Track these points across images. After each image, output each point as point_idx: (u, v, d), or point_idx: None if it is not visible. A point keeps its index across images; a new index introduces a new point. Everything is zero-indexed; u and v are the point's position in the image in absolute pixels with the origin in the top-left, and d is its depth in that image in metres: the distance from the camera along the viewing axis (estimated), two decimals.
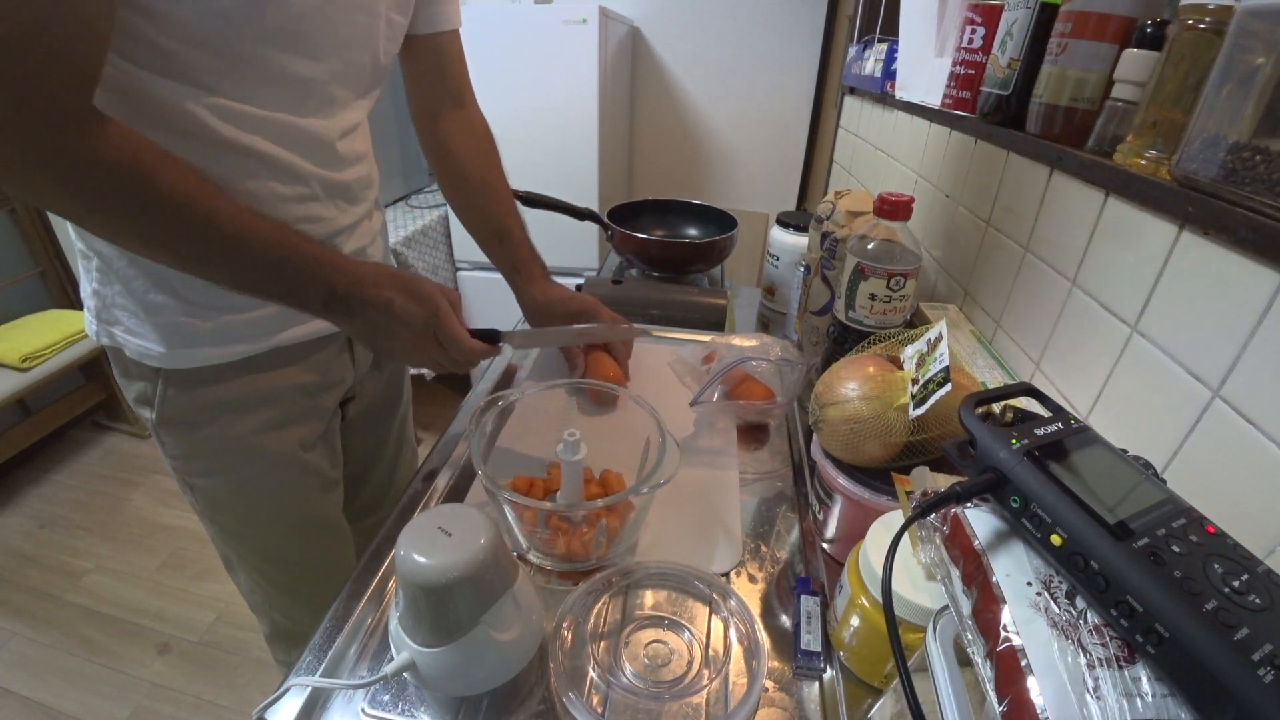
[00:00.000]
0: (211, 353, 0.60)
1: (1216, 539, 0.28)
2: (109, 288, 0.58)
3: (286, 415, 0.67)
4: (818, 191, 2.19)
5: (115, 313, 0.59)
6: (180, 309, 0.57)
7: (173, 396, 0.61)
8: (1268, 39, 0.38)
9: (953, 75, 0.82)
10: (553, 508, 0.54)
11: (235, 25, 0.48)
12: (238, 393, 0.63)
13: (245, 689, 1.39)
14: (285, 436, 0.67)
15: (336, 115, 0.60)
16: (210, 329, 0.59)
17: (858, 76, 1.47)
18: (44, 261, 2.02)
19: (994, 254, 0.75)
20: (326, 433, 0.72)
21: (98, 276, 0.58)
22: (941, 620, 0.34)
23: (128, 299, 0.57)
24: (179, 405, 0.62)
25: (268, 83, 0.52)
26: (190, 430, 0.64)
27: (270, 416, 0.65)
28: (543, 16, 1.74)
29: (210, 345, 0.59)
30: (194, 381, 0.61)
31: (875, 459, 0.53)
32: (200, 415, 0.63)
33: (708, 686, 0.47)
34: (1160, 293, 0.48)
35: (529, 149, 1.90)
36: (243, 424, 0.64)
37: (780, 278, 1.07)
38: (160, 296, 0.57)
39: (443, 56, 0.75)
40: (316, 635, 0.50)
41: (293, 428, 0.68)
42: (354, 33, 0.57)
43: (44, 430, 1.98)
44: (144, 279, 0.56)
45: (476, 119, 0.81)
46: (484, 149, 0.81)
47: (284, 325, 0.63)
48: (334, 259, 0.55)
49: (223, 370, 0.61)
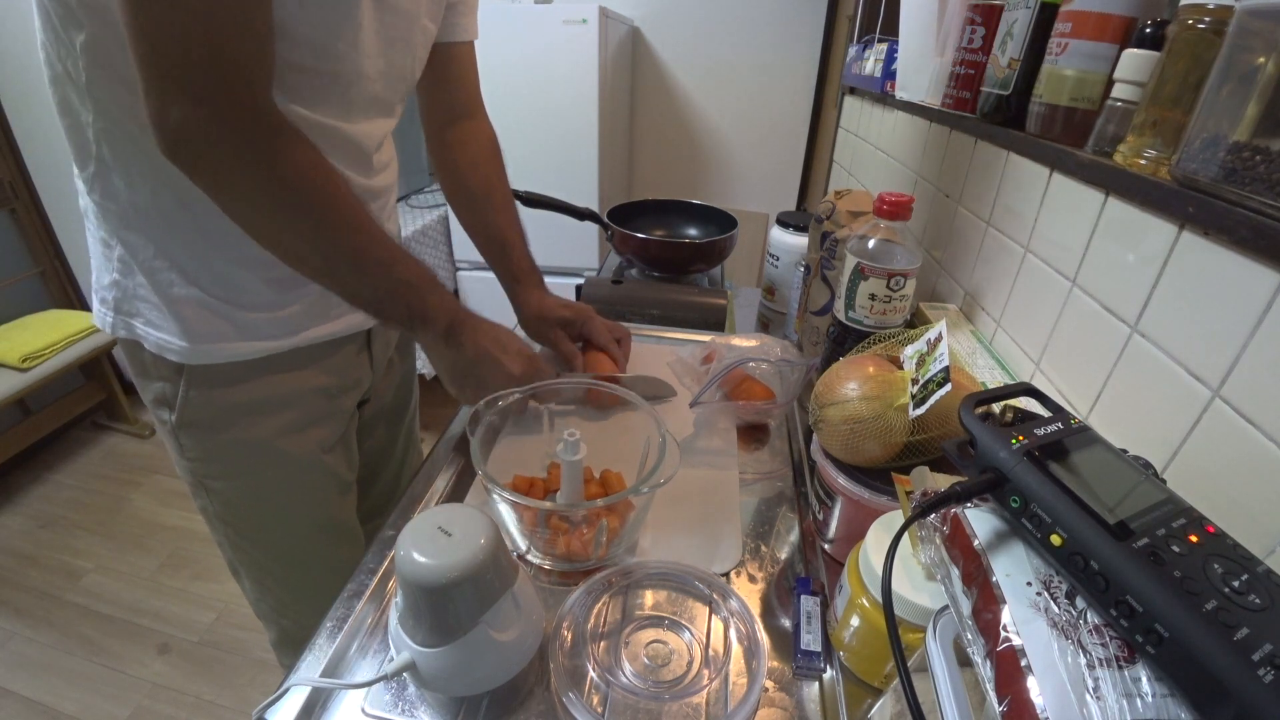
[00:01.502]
0: (233, 348, 0.60)
1: (1216, 539, 0.28)
2: (131, 279, 0.58)
3: (307, 417, 0.67)
4: (818, 191, 2.19)
5: (137, 304, 0.59)
6: (204, 303, 0.58)
7: (194, 398, 0.61)
8: (1268, 39, 0.38)
9: (953, 75, 0.82)
10: (553, 508, 0.54)
11: (312, 14, 0.50)
12: (259, 394, 0.63)
13: (245, 689, 1.39)
14: (305, 439, 0.67)
15: (376, 120, 0.62)
16: (233, 325, 0.59)
17: (858, 76, 1.47)
18: (44, 261, 2.02)
19: (994, 254, 0.75)
20: (345, 435, 0.73)
21: (119, 266, 0.58)
22: (941, 620, 0.34)
23: (151, 291, 0.58)
24: (200, 406, 0.62)
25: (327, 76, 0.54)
26: (211, 433, 0.64)
27: (291, 419, 0.66)
28: (543, 16, 1.74)
29: (233, 341, 0.60)
30: (215, 382, 0.61)
31: (875, 459, 0.53)
32: (221, 417, 0.63)
33: (708, 686, 0.47)
34: (1160, 293, 0.48)
35: (529, 149, 1.90)
36: (264, 426, 0.64)
37: (780, 278, 1.07)
38: (185, 290, 0.57)
39: (458, 66, 0.77)
40: (317, 635, 0.50)
41: (312, 430, 0.68)
42: (397, 35, 0.59)
43: (44, 430, 1.98)
44: (171, 271, 0.57)
45: (484, 130, 0.82)
46: (490, 160, 0.82)
47: (306, 324, 0.63)
48: (454, 300, 0.62)
49: (244, 371, 0.62)
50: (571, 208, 1.12)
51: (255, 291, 0.59)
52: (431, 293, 0.58)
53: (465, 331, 0.61)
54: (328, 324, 0.65)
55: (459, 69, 0.77)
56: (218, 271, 0.58)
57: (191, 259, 0.57)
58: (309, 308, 0.63)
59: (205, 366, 0.60)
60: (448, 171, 0.81)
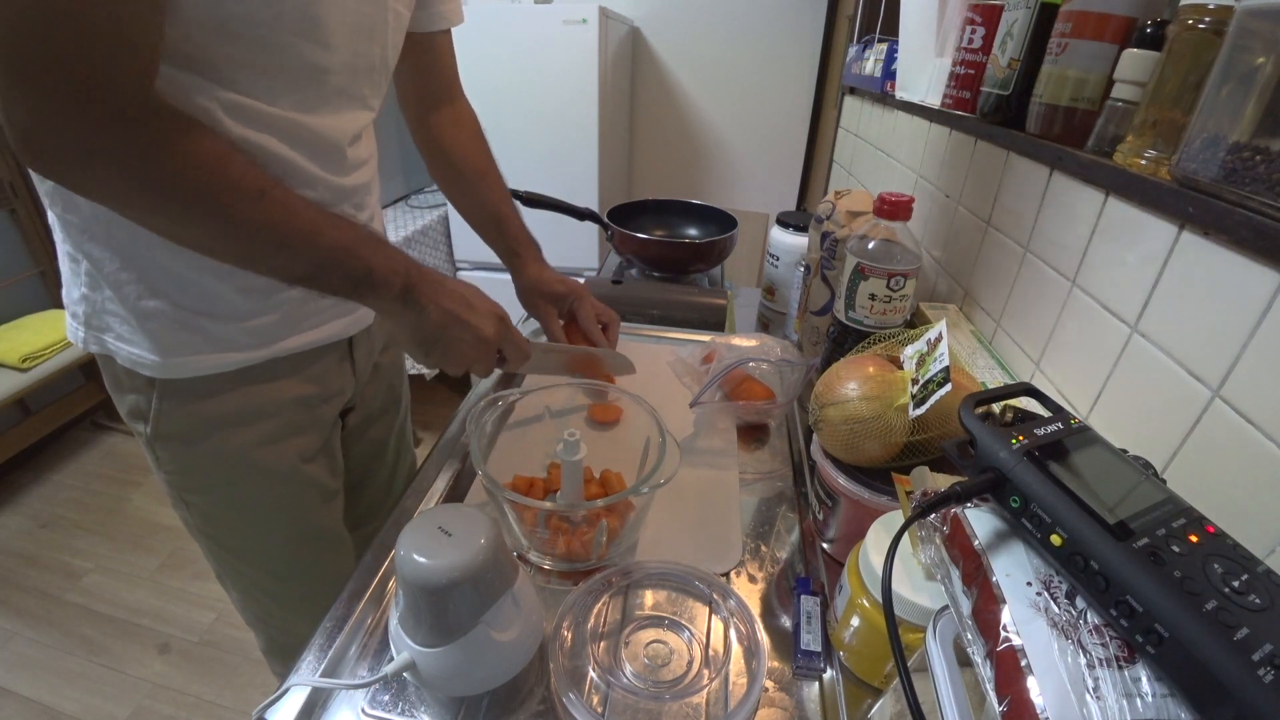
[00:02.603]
0: (206, 361, 0.58)
1: (1216, 539, 0.28)
2: (99, 292, 0.56)
3: (285, 428, 0.65)
4: (818, 191, 2.19)
5: (106, 319, 0.56)
6: (174, 316, 0.55)
7: (168, 410, 0.59)
8: (1268, 39, 0.38)
9: (953, 75, 0.82)
10: (553, 508, 0.54)
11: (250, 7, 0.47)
12: (235, 406, 0.61)
13: (245, 689, 1.39)
14: (284, 450, 0.65)
15: (346, 113, 0.59)
16: (205, 337, 0.57)
17: (858, 76, 1.47)
18: (44, 261, 2.02)
19: (994, 254, 0.75)
20: (327, 443, 0.71)
21: (86, 280, 0.56)
22: (941, 620, 0.34)
23: (118, 304, 0.55)
24: (174, 419, 0.60)
25: (281, 72, 0.51)
26: (186, 446, 0.62)
27: (269, 430, 0.64)
28: (543, 16, 1.74)
29: (205, 354, 0.58)
30: (189, 394, 0.59)
31: (875, 459, 0.53)
32: (196, 430, 0.61)
33: (708, 686, 0.47)
34: (1160, 293, 0.48)
35: (529, 149, 1.90)
36: (240, 438, 0.62)
37: (780, 278, 1.07)
38: (154, 303, 0.55)
39: (436, 53, 0.76)
40: (316, 635, 0.50)
41: (292, 440, 0.66)
42: (363, 23, 0.56)
43: (44, 430, 1.98)
44: (137, 284, 0.54)
45: (465, 112, 0.83)
46: (475, 140, 0.82)
47: (281, 334, 0.61)
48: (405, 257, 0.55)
49: (219, 382, 0.59)
50: (571, 208, 1.12)
51: (227, 301, 0.57)
52: (374, 253, 0.52)
53: (424, 291, 0.56)
54: (304, 334, 0.63)
55: (437, 55, 0.76)
56: (186, 281, 0.55)
57: (157, 269, 0.54)
58: (284, 317, 0.60)
59: (179, 380, 0.58)
60: (434, 155, 0.81)
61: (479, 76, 1.86)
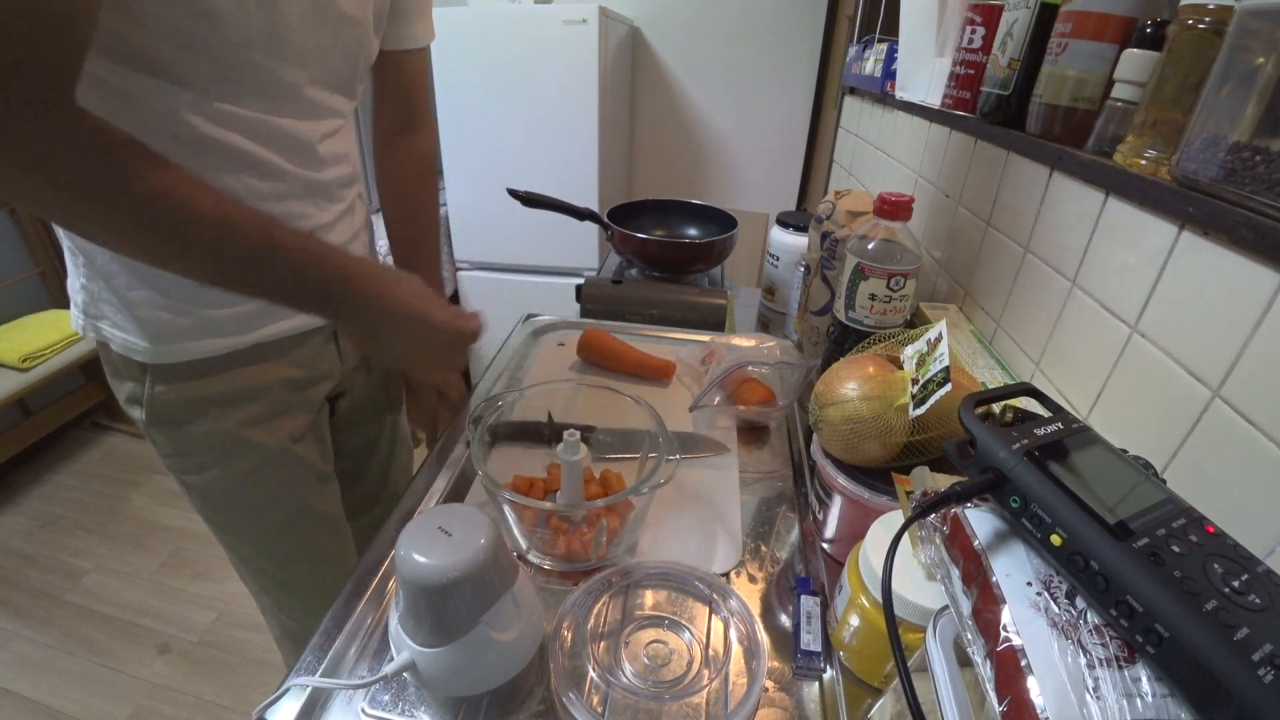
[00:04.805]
0: (194, 347, 0.60)
1: (1216, 539, 0.28)
2: (94, 283, 0.59)
3: (274, 409, 0.67)
4: (818, 191, 2.19)
5: (101, 307, 0.59)
6: (161, 304, 0.58)
7: (160, 393, 0.62)
8: (1268, 39, 0.38)
9: (953, 75, 0.82)
10: (553, 508, 0.54)
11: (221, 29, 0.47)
12: (224, 387, 0.63)
13: (245, 689, 1.39)
14: (274, 429, 0.67)
15: (317, 118, 0.60)
16: (192, 324, 0.59)
17: (858, 76, 1.47)
18: (44, 261, 2.02)
19: (994, 254, 0.75)
20: (315, 426, 0.73)
21: (83, 271, 0.59)
22: (941, 620, 0.34)
23: (111, 294, 0.58)
24: (167, 402, 0.62)
25: (254, 83, 0.53)
26: (179, 427, 0.64)
27: (258, 410, 0.66)
28: (543, 17, 1.74)
29: (193, 339, 0.60)
30: (180, 378, 0.62)
31: (875, 459, 0.53)
32: (188, 411, 0.63)
33: (708, 686, 0.47)
34: (1160, 293, 0.48)
35: (529, 149, 1.90)
36: (230, 418, 0.64)
37: (780, 278, 1.07)
38: (142, 292, 0.57)
39: (404, 75, 0.74)
40: (316, 635, 0.50)
41: (280, 421, 0.68)
42: (338, 42, 0.58)
43: (44, 430, 1.98)
44: (125, 275, 0.57)
45: (425, 145, 0.81)
46: (424, 181, 0.83)
47: (266, 320, 0.63)
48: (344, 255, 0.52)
49: (208, 366, 0.62)
50: (571, 208, 1.12)
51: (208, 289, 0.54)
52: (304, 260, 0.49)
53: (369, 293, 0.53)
54: (287, 319, 0.65)
55: (406, 77, 0.74)
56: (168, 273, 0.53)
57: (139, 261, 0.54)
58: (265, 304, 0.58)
59: (169, 364, 0.61)
60: (388, 182, 0.81)
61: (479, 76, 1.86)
